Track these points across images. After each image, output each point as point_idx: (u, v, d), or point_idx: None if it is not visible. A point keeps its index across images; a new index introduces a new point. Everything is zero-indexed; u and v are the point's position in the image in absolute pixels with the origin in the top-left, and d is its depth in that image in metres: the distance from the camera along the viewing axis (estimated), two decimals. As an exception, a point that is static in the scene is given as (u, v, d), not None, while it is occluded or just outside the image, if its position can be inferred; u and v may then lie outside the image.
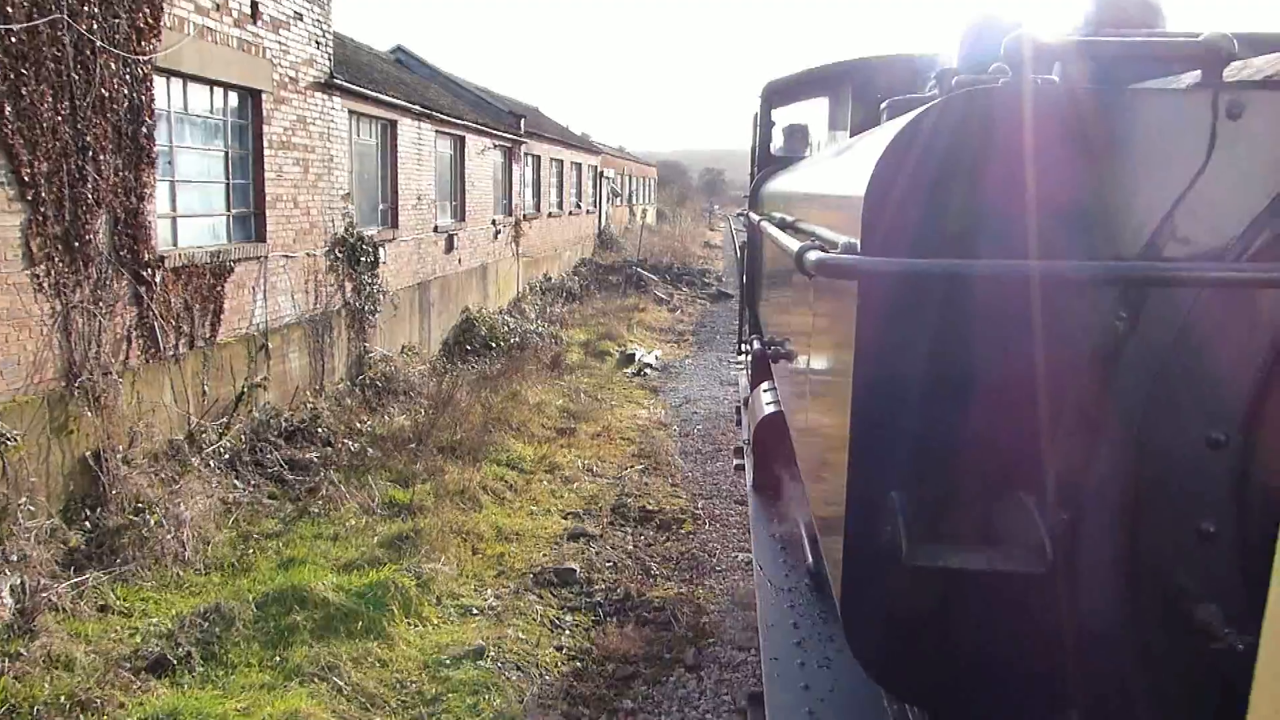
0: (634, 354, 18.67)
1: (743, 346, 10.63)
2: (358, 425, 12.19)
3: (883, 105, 3.55)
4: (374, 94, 14.13)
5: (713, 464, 11.73)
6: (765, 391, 5.86)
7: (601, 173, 40.30)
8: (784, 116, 9.17)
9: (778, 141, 9.16)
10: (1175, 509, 1.77)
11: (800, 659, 3.34)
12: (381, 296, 14.74)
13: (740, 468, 8.59)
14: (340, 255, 13.35)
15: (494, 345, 19.12)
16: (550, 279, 29.05)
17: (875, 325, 1.94)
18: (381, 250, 14.71)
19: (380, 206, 15.44)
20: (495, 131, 21.86)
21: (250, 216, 11.15)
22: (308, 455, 10.58)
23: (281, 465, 10.17)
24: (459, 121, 18.81)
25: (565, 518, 9.61)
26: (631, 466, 11.31)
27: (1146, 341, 1.81)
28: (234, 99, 10.80)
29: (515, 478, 10.51)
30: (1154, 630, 1.87)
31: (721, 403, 15.24)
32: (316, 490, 9.57)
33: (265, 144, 11.11)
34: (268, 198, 11.22)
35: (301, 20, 11.97)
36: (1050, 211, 1.82)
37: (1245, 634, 1.64)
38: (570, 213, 33.27)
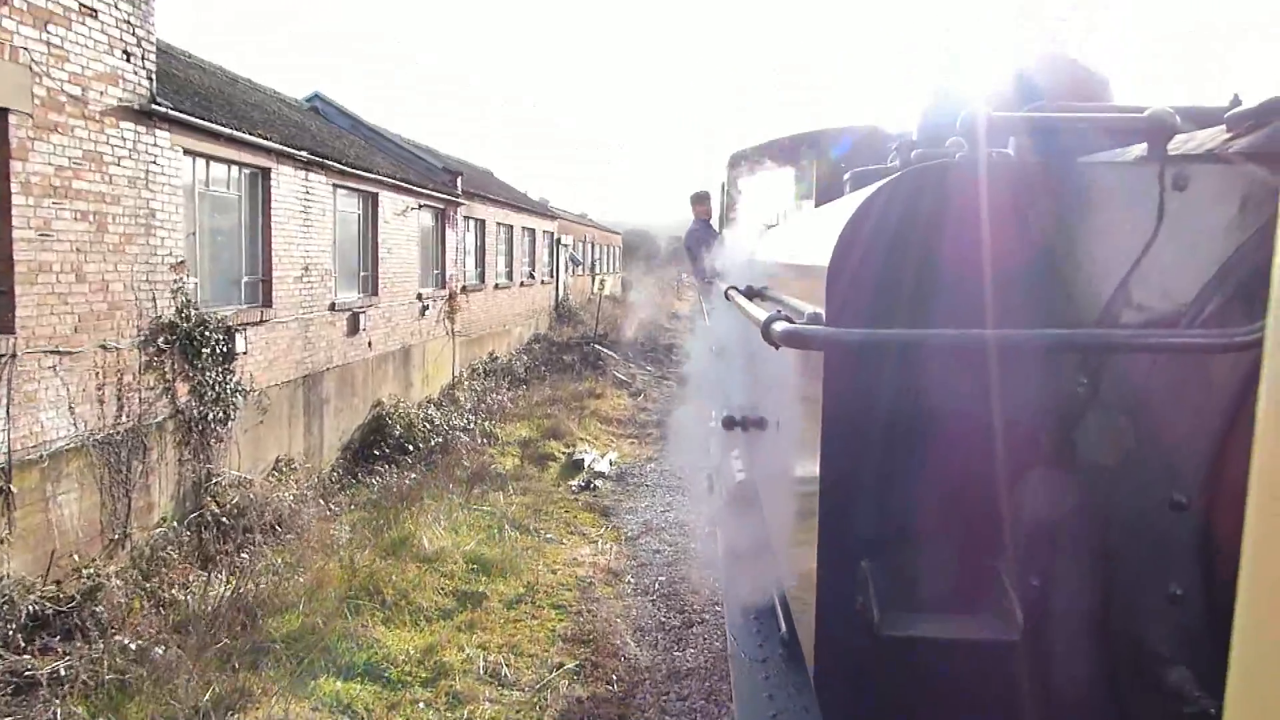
0: (583, 459, 14.98)
1: (711, 413, 9.88)
2: (174, 594, 8.41)
3: (845, 176, 3.75)
4: (226, 130, 10.58)
5: (686, 649, 8.02)
6: (735, 459, 5.65)
7: (558, 239, 36.96)
8: (749, 185, 9.06)
9: (743, 210, 9.06)
10: (1143, 572, 1.77)
11: None
12: (239, 398, 11.03)
13: (712, 534, 8.49)
14: (167, 346, 9.66)
15: (412, 447, 15.39)
16: (496, 359, 25.43)
17: (842, 395, 1.97)
18: (240, 337, 11.04)
19: (244, 279, 11.79)
20: (422, 190, 18.40)
21: (-11, 295, 7.48)
22: (47, 664, 6.76)
23: (-6, 690, 6.36)
24: (368, 175, 15.31)
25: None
26: (561, 666, 7.54)
27: (1107, 406, 1.84)
28: (-40, 121, 7.22)
29: (371, 700, 6.72)
30: (1127, 695, 1.86)
31: (693, 531, 11.56)
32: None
33: (14, 187, 7.48)
34: (20, 267, 7.56)
35: (96, 18, 8.45)
36: (1008, 280, 1.86)
37: (1218, 697, 1.52)
38: (522, 283, 29.79)
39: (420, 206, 18.71)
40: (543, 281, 33.59)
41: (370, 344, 15.82)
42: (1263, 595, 0.89)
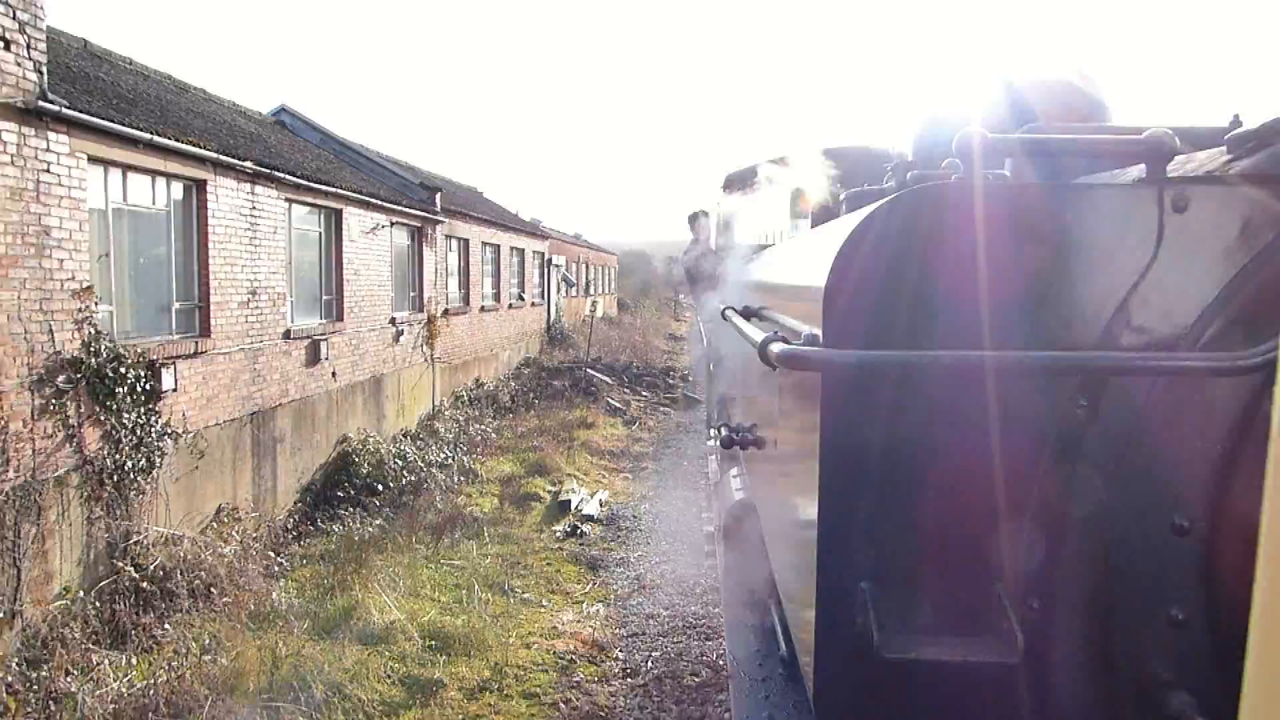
0: (569, 500, 13.48)
1: (711, 431, 10.08)
2: (66, 685, 6.93)
3: (841, 197, 3.72)
4: (144, 135, 9.14)
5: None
6: (734, 477, 5.59)
7: (550, 260, 35.53)
8: (744, 206, 9.01)
9: (739, 230, 9.09)
10: (1145, 596, 1.76)
11: None
12: (168, 442, 9.56)
13: (711, 554, 8.66)
14: (70, 386, 8.20)
15: (381, 487, 13.90)
16: (482, 385, 23.95)
17: (840, 416, 1.96)
18: (168, 372, 9.58)
19: (176, 305, 10.33)
20: (394, 206, 16.97)
21: None
22: None
23: None
24: (330, 189, 13.88)
25: None
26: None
27: (1107, 428, 1.83)
28: None
29: None
30: (1127, 718, 1.84)
31: (694, 590, 10.06)
32: None
33: None
34: None
35: (-36, -4, 7.03)
36: (1006, 302, 1.86)
37: None
38: (510, 306, 28.33)
39: (393, 224, 17.29)
40: (533, 304, 32.14)
41: (334, 374, 14.35)
42: (1278, 616, 0.89)
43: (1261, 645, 0.91)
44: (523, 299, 30.25)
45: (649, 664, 8.02)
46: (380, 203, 16.21)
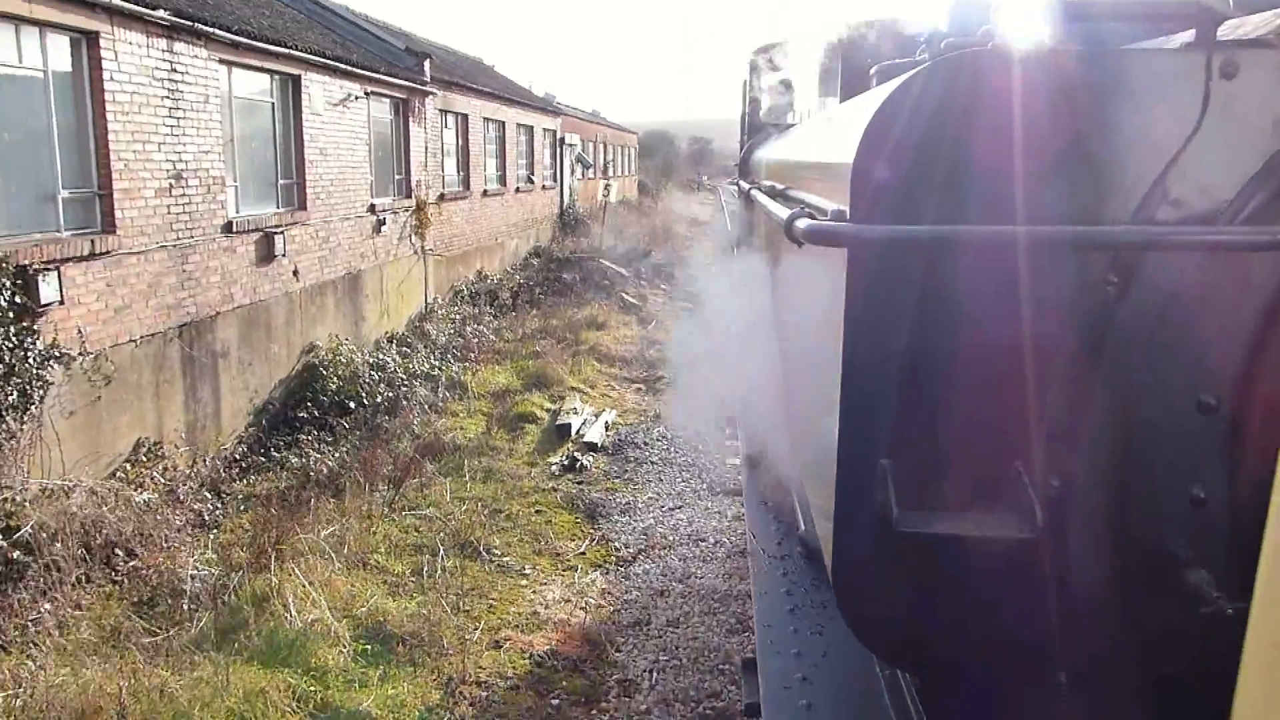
0: (569, 423, 11.49)
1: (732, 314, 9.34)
2: None
3: (872, 70, 3.51)
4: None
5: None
6: (756, 356, 5.30)
7: (563, 139, 32.83)
8: (773, 82, 8.81)
9: (767, 107, 8.90)
10: (1166, 475, 1.77)
11: (793, 626, 3.32)
12: (52, 369, 7.58)
13: (732, 437, 8.70)
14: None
15: (354, 405, 11.98)
16: (486, 278, 21.83)
17: (864, 293, 1.95)
18: (47, 280, 7.52)
19: (63, 194, 8.17)
20: (370, 73, 14.55)
21: None
22: None
23: None
24: (281, 50, 11.52)
25: None
26: None
27: (1137, 306, 1.81)
28: None
29: None
30: (1143, 595, 1.86)
31: (716, 551, 8.12)
32: None
33: None
34: None
35: None
36: (1039, 175, 1.83)
37: (1235, 599, 1.62)
38: (518, 190, 25.93)
39: (370, 95, 14.89)
40: (544, 187, 29.67)
41: (296, 272, 12.26)
42: None
43: None
44: (532, 182, 27.79)
45: (654, 675, 6.10)
46: (351, 68, 13.80)
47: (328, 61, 13.01)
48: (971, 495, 1.94)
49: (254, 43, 10.87)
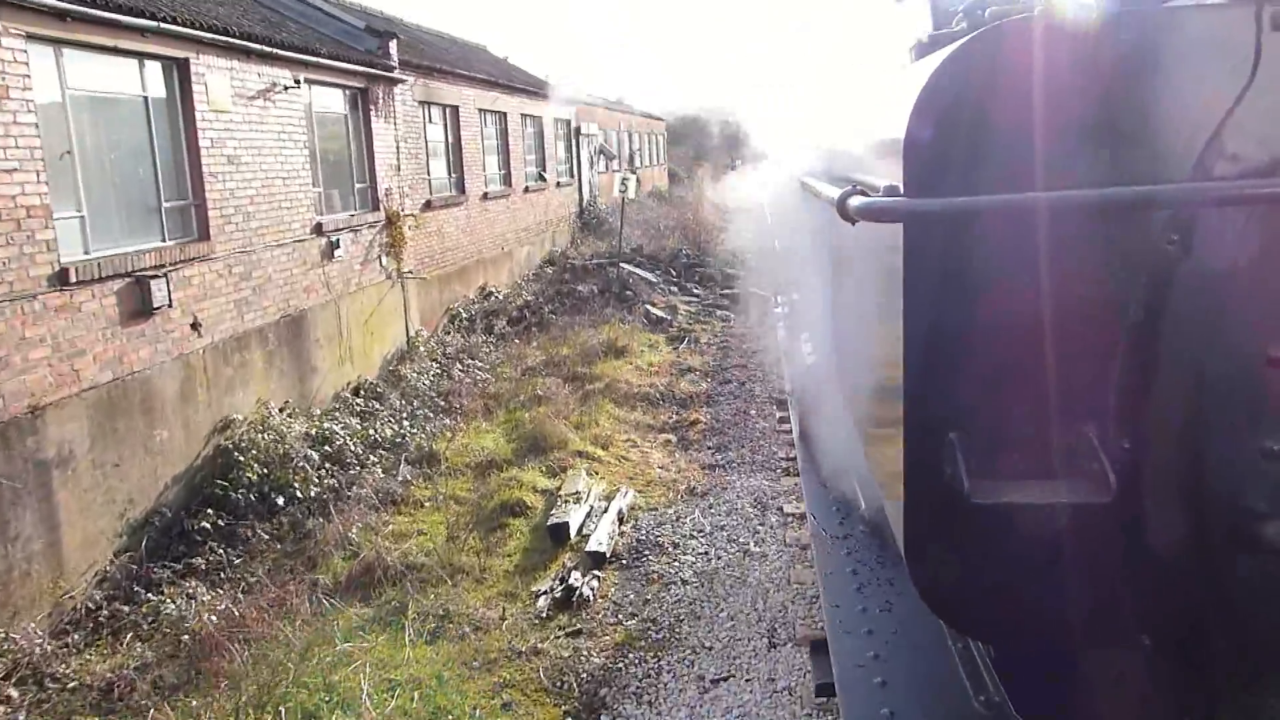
0: (566, 522, 8.16)
1: (778, 298, 9.73)
2: None
3: (909, 47, 3.52)
4: None
5: None
6: (805, 342, 5.39)
7: (578, 129, 29.46)
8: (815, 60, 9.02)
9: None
10: (1238, 430, 1.76)
11: (861, 605, 3.24)
12: None
13: (785, 419, 8.78)
14: None
15: (289, 498, 8.80)
16: (491, 294, 18.62)
17: (923, 267, 1.89)
18: None
19: None
20: (308, 56, 11.32)
21: None
22: None
23: None
24: (146, 25, 8.30)
25: None
26: None
27: (1199, 263, 1.76)
28: None
29: None
30: (1221, 551, 1.83)
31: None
32: None
33: None
34: None
35: None
36: (1094, 139, 1.79)
37: None
38: (526, 189, 22.64)
39: (307, 83, 11.66)
40: (559, 184, 26.34)
41: (196, 325, 9.07)
42: None
43: None
44: (544, 179, 24.47)
45: None
46: (274, 50, 10.57)
47: (234, 41, 9.78)
48: (1043, 462, 1.92)
49: (94, 11, 7.66)
